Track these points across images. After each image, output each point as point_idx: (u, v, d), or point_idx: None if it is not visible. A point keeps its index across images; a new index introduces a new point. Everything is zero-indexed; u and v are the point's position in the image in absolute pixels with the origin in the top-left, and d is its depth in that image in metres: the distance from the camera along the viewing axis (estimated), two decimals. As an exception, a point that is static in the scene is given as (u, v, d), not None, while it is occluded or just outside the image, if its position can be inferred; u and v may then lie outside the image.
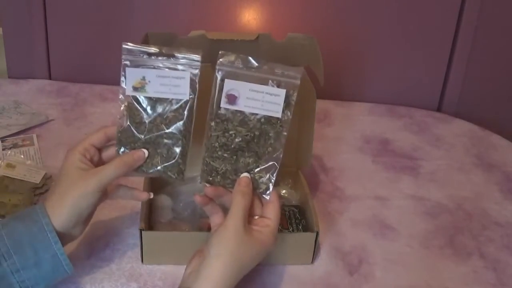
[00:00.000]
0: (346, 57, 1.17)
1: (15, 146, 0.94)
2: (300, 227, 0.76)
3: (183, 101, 0.67)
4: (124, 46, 0.66)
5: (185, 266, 0.72)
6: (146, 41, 0.77)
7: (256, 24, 1.16)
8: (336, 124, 1.12)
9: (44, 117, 1.03)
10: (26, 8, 1.13)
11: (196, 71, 0.66)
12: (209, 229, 0.74)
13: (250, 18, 1.16)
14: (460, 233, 0.84)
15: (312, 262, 0.75)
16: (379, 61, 1.20)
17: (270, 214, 0.65)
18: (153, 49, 0.66)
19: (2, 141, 0.95)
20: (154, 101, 0.67)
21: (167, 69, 0.66)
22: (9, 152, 0.92)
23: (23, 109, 1.06)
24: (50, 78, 1.19)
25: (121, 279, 0.70)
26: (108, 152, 0.69)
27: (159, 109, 0.67)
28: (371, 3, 1.14)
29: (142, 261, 0.72)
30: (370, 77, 1.21)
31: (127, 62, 0.66)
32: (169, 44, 0.78)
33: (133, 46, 0.66)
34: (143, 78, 0.66)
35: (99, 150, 0.69)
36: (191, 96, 0.67)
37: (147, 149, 0.67)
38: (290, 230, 0.76)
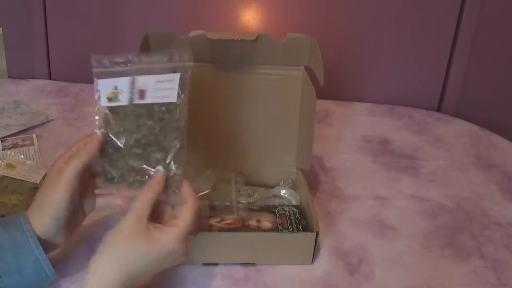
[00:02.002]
0: (346, 57, 1.17)
1: (15, 146, 0.94)
2: (300, 227, 0.76)
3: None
4: (93, 58, 0.66)
5: (185, 266, 0.73)
6: (146, 41, 0.77)
7: (255, 24, 1.16)
8: (336, 124, 1.12)
9: (44, 117, 1.03)
10: (26, 8, 1.14)
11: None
12: (209, 229, 0.75)
13: (250, 18, 1.16)
14: (460, 233, 0.84)
15: (312, 262, 0.75)
16: (379, 61, 1.20)
17: (180, 215, 0.60)
18: (119, 58, 0.65)
19: (2, 141, 0.95)
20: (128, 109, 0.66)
21: (137, 76, 0.65)
22: (9, 152, 0.92)
23: (23, 109, 1.06)
24: (50, 78, 1.19)
25: None
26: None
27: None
28: (371, 3, 1.14)
29: (142, 261, 0.72)
30: (370, 77, 1.21)
31: (98, 74, 0.66)
32: (169, 44, 0.78)
33: (102, 57, 0.66)
34: (116, 88, 0.66)
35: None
36: (178, 100, 0.64)
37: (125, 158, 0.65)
38: (290, 230, 0.76)
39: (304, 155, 0.85)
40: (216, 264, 0.73)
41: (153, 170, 0.64)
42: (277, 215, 0.78)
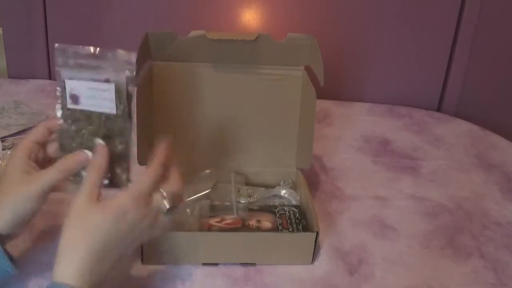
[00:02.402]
0: (346, 57, 1.17)
1: (15, 146, 0.94)
2: (300, 227, 0.76)
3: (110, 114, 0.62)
4: (56, 46, 0.62)
5: (185, 266, 0.73)
6: (146, 41, 0.77)
7: (256, 24, 1.16)
8: (336, 124, 1.12)
9: (44, 117, 1.03)
10: (26, 8, 1.14)
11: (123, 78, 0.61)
12: (209, 229, 0.75)
13: (250, 18, 1.16)
14: (460, 233, 0.84)
15: (312, 262, 0.75)
16: (379, 61, 1.20)
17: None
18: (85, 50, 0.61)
19: (2, 141, 0.95)
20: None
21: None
22: (9, 152, 0.92)
23: (23, 109, 1.06)
24: (50, 78, 1.19)
25: (121, 279, 0.70)
26: (52, 147, 0.66)
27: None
28: (371, 3, 1.14)
29: (142, 261, 0.72)
30: (370, 77, 1.21)
31: (61, 69, 0.62)
32: (169, 44, 0.78)
33: (66, 46, 0.62)
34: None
35: (44, 145, 0.66)
36: (117, 110, 0.61)
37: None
38: (290, 230, 0.76)
39: (304, 155, 0.85)
40: (216, 264, 0.73)
41: None
42: (277, 215, 0.78)
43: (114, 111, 0.61)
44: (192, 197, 0.79)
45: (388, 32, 1.16)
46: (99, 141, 0.61)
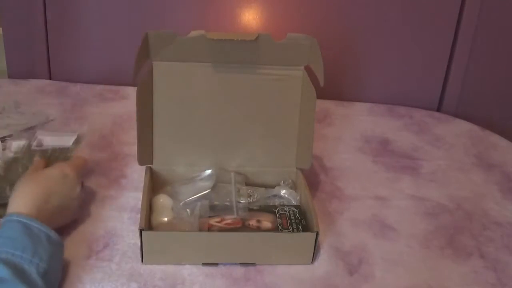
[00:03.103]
0: (346, 57, 1.17)
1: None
2: (300, 227, 0.76)
3: None
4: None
5: (185, 266, 0.73)
6: (146, 41, 0.77)
7: (256, 24, 1.16)
8: (336, 124, 1.12)
9: (44, 117, 1.03)
10: (26, 8, 1.14)
11: None
12: (209, 229, 0.75)
13: (250, 18, 1.16)
14: (460, 233, 0.84)
15: (312, 262, 0.75)
16: (379, 61, 1.20)
17: None
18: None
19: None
20: None
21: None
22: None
23: (23, 109, 1.05)
24: (50, 78, 1.19)
25: (121, 279, 0.70)
26: None
27: None
28: (371, 4, 1.14)
29: (142, 261, 0.73)
30: (370, 77, 1.21)
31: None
32: (169, 44, 0.78)
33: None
34: None
35: None
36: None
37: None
38: (290, 230, 0.76)
39: (304, 155, 0.85)
40: (216, 264, 0.73)
41: None
42: (277, 215, 0.78)
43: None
44: (192, 197, 0.80)
45: (388, 32, 1.16)
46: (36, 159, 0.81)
